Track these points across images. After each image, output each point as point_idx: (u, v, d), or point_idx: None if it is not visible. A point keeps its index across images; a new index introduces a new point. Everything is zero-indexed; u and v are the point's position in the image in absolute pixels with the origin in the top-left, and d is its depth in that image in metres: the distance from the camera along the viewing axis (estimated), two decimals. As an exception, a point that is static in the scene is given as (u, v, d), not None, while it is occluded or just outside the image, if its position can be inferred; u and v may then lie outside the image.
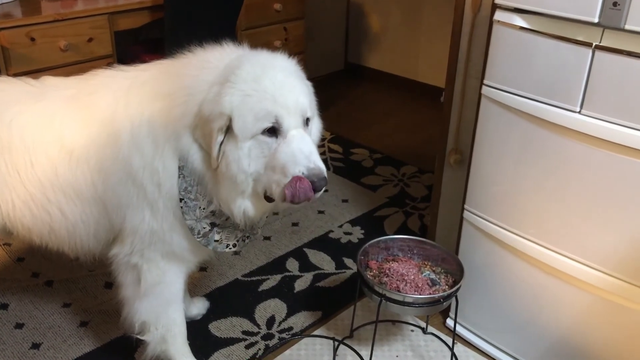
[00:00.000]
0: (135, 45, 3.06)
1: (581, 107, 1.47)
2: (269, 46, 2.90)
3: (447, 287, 1.78)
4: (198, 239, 1.52)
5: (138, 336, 1.70)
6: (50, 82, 1.58)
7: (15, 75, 2.30)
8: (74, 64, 2.51)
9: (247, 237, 1.61)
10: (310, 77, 1.72)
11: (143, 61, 2.79)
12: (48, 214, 1.53)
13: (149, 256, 1.57)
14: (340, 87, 4.28)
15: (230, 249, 1.58)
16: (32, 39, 2.36)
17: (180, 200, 1.47)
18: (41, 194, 1.51)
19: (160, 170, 1.45)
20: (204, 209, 1.49)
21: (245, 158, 1.36)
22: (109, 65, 2.33)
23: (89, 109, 1.49)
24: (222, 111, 1.34)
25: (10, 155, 1.49)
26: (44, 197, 1.51)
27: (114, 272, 1.66)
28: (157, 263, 1.58)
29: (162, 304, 1.65)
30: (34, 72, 2.38)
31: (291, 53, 1.64)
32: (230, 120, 1.34)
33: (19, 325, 2.02)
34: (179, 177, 1.45)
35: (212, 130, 1.35)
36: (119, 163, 1.46)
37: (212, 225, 1.52)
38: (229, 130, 1.35)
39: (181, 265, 1.62)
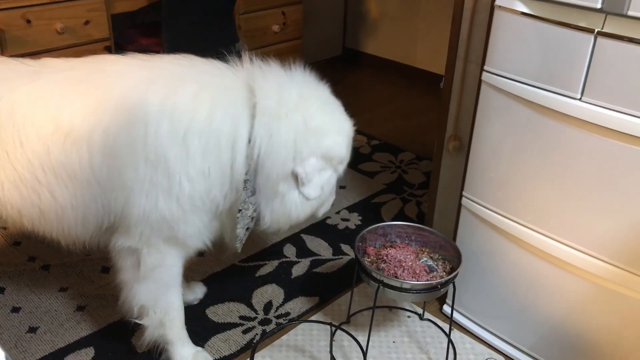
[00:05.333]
0: (132, 29, 3.03)
1: (582, 94, 1.46)
2: (267, 30, 2.88)
3: (444, 273, 1.78)
4: (237, 244, 1.61)
5: (136, 320, 1.70)
6: (49, 63, 1.54)
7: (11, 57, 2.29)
8: (70, 47, 2.48)
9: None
10: (307, 63, 1.73)
11: (140, 44, 2.77)
12: (38, 195, 1.48)
13: (151, 241, 1.55)
14: (338, 73, 4.26)
15: (241, 243, 1.63)
16: (28, 21, 2.33)
17: (239, 211, 1.52)
18: (30, 174, 1.45)
19: (212, 173, 1.46)
20: (251, 217, 1.55)
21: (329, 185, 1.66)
22: (105, 48, 2.32)
23: (100, 92, 1.45)
24: (342, 157, 1.68)
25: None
26: (33, 177, 1.46)
27: (112, 256, 1.65)
28: (159, 247, 1.57)
29: (160, 287, 1.65)
30: (30, 55, 2.35)
31: (289, 38, 1.65)
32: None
33: (16, 309, 2.02)
34: (244, 189, 1.49)
35: (325, 168, 1.60)
36: (140, 149, 1.43)
37: (247, 229, 1.59)
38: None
39: (181, 250, 1.62)
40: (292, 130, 1.49)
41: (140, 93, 1.44)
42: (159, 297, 1.66)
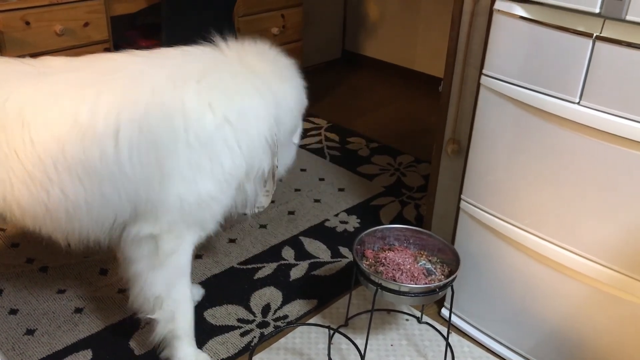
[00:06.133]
0: (132, 31, 3.03)
1: (580, 98, 1.47)
2: (266, 33, 2.90)
3: (442, 277, 1.78)
4: (265, 203, 1.82)
5: (149, 315, 1.72)
6: (52, 63, 1.56)
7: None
8: (69, 49, 2.48)
9: None
10: (307, 65, 1.78)
11: (139, 46, 2.78)
12: (47, 193, 1.49)
13: (175, 227, 1.60)
14: (337, 75, 4.27)
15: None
16: (27, 23, 2.33)
17: (276, 167, 1.74)
18: (41, 172, 1.47)
19: (252, 145, 1.62)
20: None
21: None
22: (105, 50, 2.32)
23: (123, 90, 1.50)
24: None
25: (6, 135, 1.46)
26: (44, 175, 1.48)
27: (124, 247, 1.64)
28: (179, 233, 1.62)
29: (175, 275, 1.68)
30: (29, 56, 2.36)
31: (288, 40, 1.71)
32: None
33: (13, 311, 2.01)
34: (275, 151, 1.71)
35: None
36: (182, 137, 1.52)
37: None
38: None
39: (198, 234, 1.68)
40: (292, 97, 1.74)
41: (170, 87, 1.52)
42: (173, 286, 1.69)
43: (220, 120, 1.55)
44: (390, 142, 3.30)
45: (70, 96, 1.47)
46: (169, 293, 1.69)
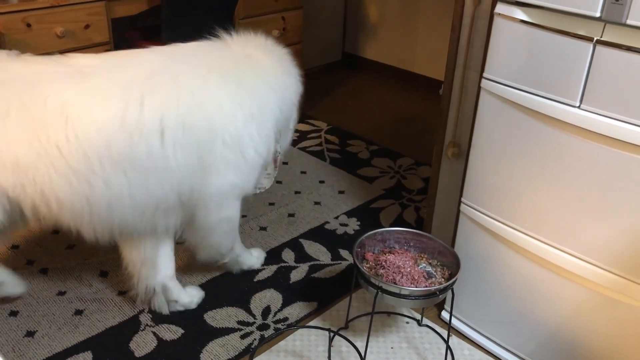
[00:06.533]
0: (132, 32, 3.04)
1: (581, 101, 1.47)
2: (267, 35, 2.91)
3: (443, 280, 1.78)
4: (271, 181, 2.18)
5: (223, 261, 2.10)
6: (82, 61, 1.65)
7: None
8: (70, 51, 2.47)
9: None
10: (307, 68, 1.82)
11: (140, 48, 2.75)
12: (90, 186, 1.58)
13: (227, 203, 1.85)
14: (337, 77, 4.27)
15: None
16: (28, 25, 2.33)
17: (278, 153, 2.01)
18: (85, 166, 1.56)
19: (269, 136, 1.83)
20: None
21: None
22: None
23: (164, 92, 1.62)
24: None
25: (47, 131, 1.52)
26: (88, 169, 1.56)
27: (203, 231, 1.88)
28: (233, 204, 1.89)
29: (237, 226, 2.03)
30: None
31: (289, 43, 1.76)
32: None
33: (13, 313, 2.01)
34: (279, 137, 1.95)
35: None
36: (219, 135, 1.68)
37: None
38: None
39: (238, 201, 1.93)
40: (292, 87, 1.93)
41: (205, 87, 1.68)
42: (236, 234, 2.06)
43: (248, 117, 1.72)
44: (391, 145, 3.30)
45: (116, 96, 1.57)
46: (228, 243, 2.04)
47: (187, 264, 2.28)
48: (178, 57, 1.75)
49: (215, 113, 1.67)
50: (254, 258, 2.26)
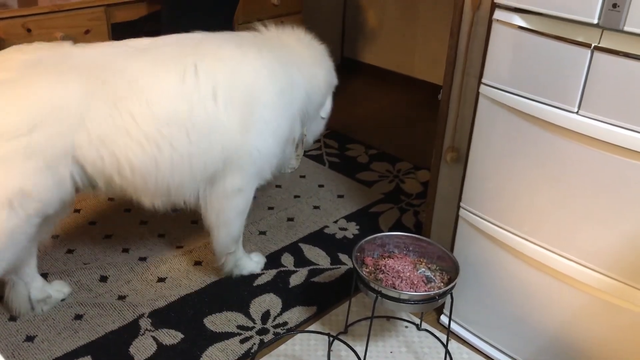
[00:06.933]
0: (132, 37, 3.04)
1: (579, 107, 1.48)
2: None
3: (442, 284, 1.79)
4: (296, 164, 2.29)
5: (229, 252, 2.14)
6: (135, 44, 1.84)
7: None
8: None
9: None
10: None
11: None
12: (158, 148, 1.76)
13: (251, 179, 1.99)
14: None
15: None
16: (28, 30, 2.34)
17: (304, 136, 2.20)
18: (156, 129, 1.74)
19: (295, 115, 2.03)
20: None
21: None
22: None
23: (213, 61, 1.83)
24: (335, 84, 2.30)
25: (126, 102, 1.70)
26: (158, 132, 1.74)
27: (217, 200, 1.97)
28: (253, 185, 2.02)
29: (245, 216, 2.11)
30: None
31: None
32: None
33: (13, 318, 2.01)
34: (305, 121, 2.16)
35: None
36: (258, 98, 1.87)
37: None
38: None
39: (257, 183, 2.05)
40: (322, 77, 2.14)
41: (244, 60, 1.88)
42: (242, 226, 2.13)
43: (279, 89, 1.92)
44: (389, 149, 3.31)
45: (174, 67, 1.78)
46: (241, 231, 2.13)
47: (187, 270, 2.28)
48: (218, 35, 1.97)
49: (254, 80, 1.87)
50: (253, 263, 2.27)
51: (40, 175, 1.64)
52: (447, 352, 1.93)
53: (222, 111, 1.81)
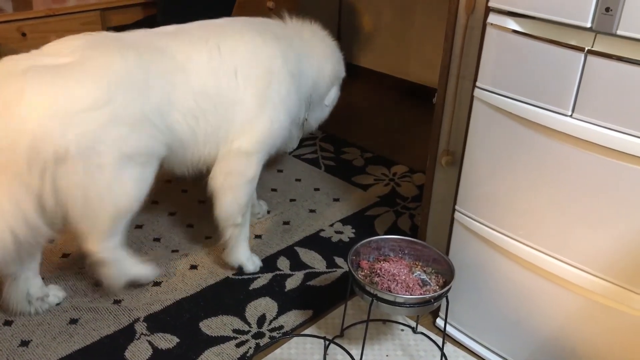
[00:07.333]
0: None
1: (573, 110, 1.49)
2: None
3: (437, 287, 1.79)
4: (296, 143, 2.49)
5: (233, 222, 2.17)
6: (165, 30, 2.05)
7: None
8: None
9: None
10: None
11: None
12: (196, 119, 1.96)
13: (263, 149, 2.13)
14: (332, 85, 4.28)
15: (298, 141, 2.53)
16: (23, 34, 2.34)
17: (305, 119, 2.41)
18: (195, 103, 1.94)
19: (302, 97, 2.27)
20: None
21: None
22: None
23: (233, 42, 2.05)
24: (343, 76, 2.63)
25: (171, 80, 1.90)
26: (195, 105, 1.95)
27: (226, 160, 2.09)
28: (263, 155, 2.15)
29: (253, 189, 2.23)
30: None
31: None
32: None
33: (8, 323, 2.01)
34: (309, 105, 2.41)
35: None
36: (275, 76, 2.09)
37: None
38: None
39: (266, 155, 2.19)
40: (330, 68, 2.41)
41: (263, 43, 2.10)
42: (251, 197, 2.22)
43: (291, 72, 2.14)
44: (385, 153, 3.32)
45: (201, 47, 1.98)
46: (248, 202, 2.19)
47: (182, 274, 2.28)
48: (239, 20, 2.19)
49: (270, 59, 2.08)
50: (250, 262, 2.31)
51: (134, 137, 1.82)
52: (443, 355, 1.93)
53: (242, 87, 2.02)
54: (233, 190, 2.11)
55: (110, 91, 1.75)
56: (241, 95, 2.02)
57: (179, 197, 2.80)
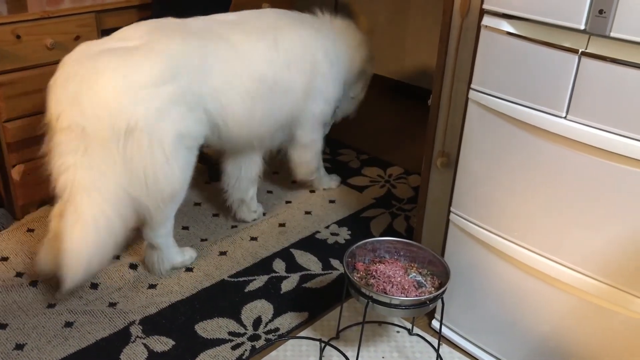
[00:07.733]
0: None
1: (567, 112, 1.49)
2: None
3: (433, 289, 1.79)
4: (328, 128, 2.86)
5: (311, 178, 2.82)
6: (224, 18, 2.27)
7: (0, 74, 2.28)
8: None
9: None
10: None
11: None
12: (253, 102, 2.17)
13: (316, 127, 2.59)
14: (327, 87, 4.27)
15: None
16: (18, 37, 2.33)
17: (337, 107, 2.73)
18: (253, 87, 2.15)
19: (339, 85, 2.60)
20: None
21: None
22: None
23: (289, 37, 2.32)
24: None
25: (230, 64, 2.10)
26: (254, 89, 2.16)
27: (294, 150, 2.63)
28: (320, 132, 2.65)
29: (320, 155, 2.80)
30: (20, 70, 2.36)
31: None
32: None
33: (3, 326, 2.00)
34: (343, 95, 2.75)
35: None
36: (317, 69, 2.42)
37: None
38: None
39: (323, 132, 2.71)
40: (358, 62, 2.72)
41: (312, 35, 2.41)
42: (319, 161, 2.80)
43: (330, 63, 2.47)
44: (380, 154, 3.32)
45: (259, 38, 2.21)
46: (320, 163, 2.82)
47: (177, 276, 2.28)
48: (288, 14, 2.45)
49: (317, 52, 2.40)
50: (329, 181, 2.94)
51: (190, 118, 2.00)
52: (439, 356, 1.94)
53: (294, 78, 2.30)
54: (307, 165, 2.71)
55: (173, 72, 1.94)
56: (293, 86, 2.31)
57: (174, 199, 2.80)
